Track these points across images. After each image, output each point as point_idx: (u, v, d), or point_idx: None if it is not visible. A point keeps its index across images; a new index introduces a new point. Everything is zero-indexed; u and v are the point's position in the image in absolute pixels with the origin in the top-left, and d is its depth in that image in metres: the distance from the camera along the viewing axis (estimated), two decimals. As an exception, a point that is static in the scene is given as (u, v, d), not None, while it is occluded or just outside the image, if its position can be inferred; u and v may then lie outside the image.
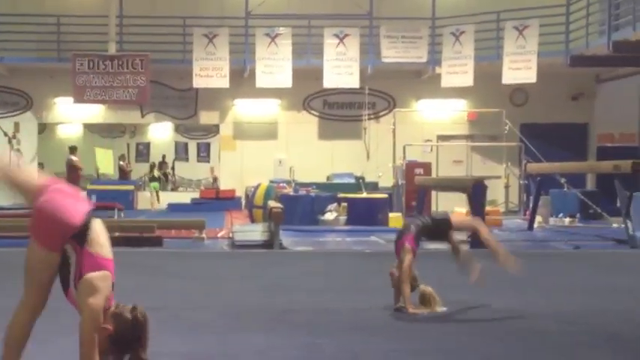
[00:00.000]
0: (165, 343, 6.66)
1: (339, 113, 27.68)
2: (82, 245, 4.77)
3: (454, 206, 22.09)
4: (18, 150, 27.49)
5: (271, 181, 22.56)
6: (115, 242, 15.68)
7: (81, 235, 4.77)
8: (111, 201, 23.66)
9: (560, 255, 14.68)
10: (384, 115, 27.45)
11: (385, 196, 21.00)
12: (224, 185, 28.11)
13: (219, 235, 17.70)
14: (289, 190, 21.03)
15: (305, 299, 8.94)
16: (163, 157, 34.49)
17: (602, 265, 12.77)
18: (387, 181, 24.30)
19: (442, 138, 27.15)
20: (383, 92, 27.47)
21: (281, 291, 9.59)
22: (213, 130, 31.55)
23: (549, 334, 7.19)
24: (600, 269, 12.23)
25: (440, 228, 8.42)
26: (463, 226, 8.48)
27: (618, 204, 16.33)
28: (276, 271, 11.65)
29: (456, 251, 8.47)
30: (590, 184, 25.86)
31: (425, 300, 8.00)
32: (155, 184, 30.24)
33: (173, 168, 35.00)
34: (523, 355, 6.41)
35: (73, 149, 24.68)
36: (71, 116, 28.46)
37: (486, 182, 16.38)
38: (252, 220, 20.51)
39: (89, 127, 33.03)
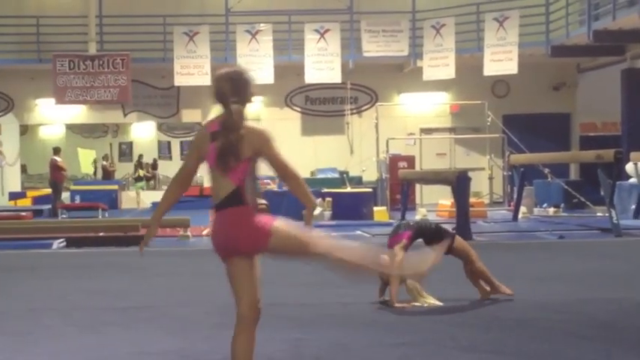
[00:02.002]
0: (154, 341, 6.65)
1: (322, 109, 27.66)
2: None
3: (439, 199, 22.17)
4: (0, 152, 27.38)
5: (255, 178, 22.48)
6: (100, 242, 15.65)
7: None
8: (95, 201, 23.64)
9: (545, 245, 14.72)
10: (366, 109, 27.44)
11: (369, 190, 21.03)
12: (208, 183, 28.06)
13: (204, 232, 17.63)
14: (274, 186, 21.00)
15: (292, 294, 8.93)
16: (140, 156, 34.33)
17: (587, 254, 12.81)
18: (371, 175, 24.32)
19: (425, 131, 27.16)
20: (365, 87, 27.47)
21: (267, 286, 9.49)
22: (196, 128, 31.44)
23: (535, 322, 7.21)
24: (585, 258, 12.26)
25: (442, 237, 8.40)
26: (462, 249, 8.38)
27: (602, 193, 16.38)
28: (261, 266, 11.61)
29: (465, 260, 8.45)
30: (574, 174, 25.94)
31: (411, 294, 8.03)
32: (140, 183, 30.15)
33: (154, 167, 34.70)
34: (510, 345, 6.42)
35: (56, 150, 24.56)
36: (53, 117, 28.34)
37: (470, 174, 16.38)
38: (237, 218, 20.45)
39: (71, 128, 32.90)
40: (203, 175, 28.74)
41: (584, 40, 22.40)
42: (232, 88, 4.81)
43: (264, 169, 4.84)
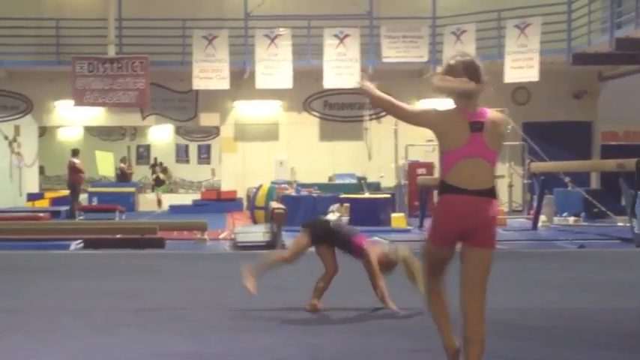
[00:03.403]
0: (170, 343, 6.60)
1: (340, 114, 27.61)
2: None
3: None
4: (18, 153, 27.45)
5: (273, 183, 22.48)
6: (117, 244, 15.64)
7: None
8: (112, 203, 23.66)
9: (564, 254, 14.58)
10: (385, 115, 27.34)
11: (387, 196, 20.92)
12: (225, 187, 28.05)
13: (221, 236, 17.61)
14: (291, 191, 20.94)
15: (308, 299, 8.84)
16: (155, 159, 34.35)
17: (607, 264, 12.68)
18: (389, 181, 24.21)
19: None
20: (384, 92, 27.34)
21: (284, 291, 9.50)
22: (214, 131, 31.49)
23: (555, 331, 7.13)
24: (605, 268, 12.14)
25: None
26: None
27: (623, 202, 16.23)
28: (278, 271, 11.55)
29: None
30: (595, 183, 25.76)
31: (408, 270, 7.76)
32: (162, 187, 30.21)
33: (165, 170, 34.51)
34: (527, 353, 6.34)
35: (75, 152, 24.61)
36: (71, 119, 28.41)
37: (490, 181, 16.23)
38: (254, 222, 20.44)
39: (89, 130, 32.96)
40: (220, 180, 28.89)
41: (606, 48, 22.24)
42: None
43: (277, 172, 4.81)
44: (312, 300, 8.13)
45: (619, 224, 18.98)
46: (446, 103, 4.87)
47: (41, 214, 20.09)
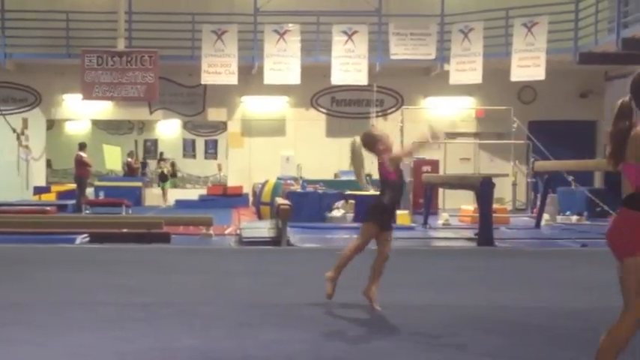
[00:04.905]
0: (176, 338, 6.68)
1: (347, 110, 27.67)
2: None
3: (461, 204, 22.13)
4: (26, 146, 27.56)
5: (279, 178, 22.56)
6: (123, 238, 15.72)
7: None
8: (119, 197, 23.76)
9: (567, 252, 14.65)
10: (391, 112, 27.43)
11: (393, 193, 20.96)
12: (232, 182, 28.13)
13: (226, 231, 17.71)
14: (297, 187, 21.04)
15: (313, 295, 8.91)
16: (161, 154, 34.45)
17: (609, 263, 12.63)
18: (394, 178, 24.24)
19: (450, 135, 27.12)
20: (391, 89, 27.45)
21: (289, 287, 9.60)
22: (221, 126, 31.56)
23: (558, 329, 7.19)
24: (607, 267, 12.10)
25: None
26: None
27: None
28: (284, 267, 11.66)
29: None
30: (598, 182, 25.81)
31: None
32: (168, 183, 30.31)
33: (173, 165, 34.58)
34: (530, 351, 6.41)
35: (82, 146, 24.71)
36: (79, 112, 28.50)
37: (494, 180, 16.35)
38: (260, 217, 20.54)
39: (97, 124, 33.09)
40: (227, 175, 28.97)
41: (612, 48, 22.28)
42: None
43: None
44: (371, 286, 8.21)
45: (622, 224, 19.01)
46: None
47: (48, 208, 20.18)
